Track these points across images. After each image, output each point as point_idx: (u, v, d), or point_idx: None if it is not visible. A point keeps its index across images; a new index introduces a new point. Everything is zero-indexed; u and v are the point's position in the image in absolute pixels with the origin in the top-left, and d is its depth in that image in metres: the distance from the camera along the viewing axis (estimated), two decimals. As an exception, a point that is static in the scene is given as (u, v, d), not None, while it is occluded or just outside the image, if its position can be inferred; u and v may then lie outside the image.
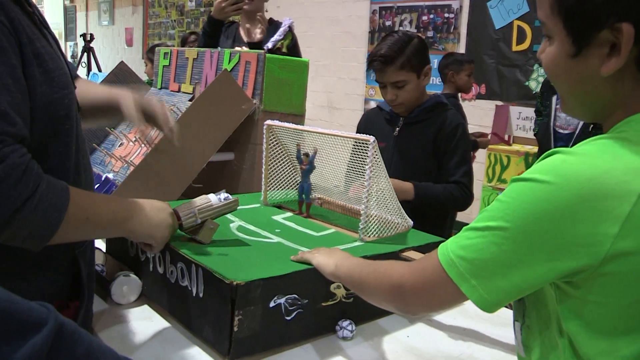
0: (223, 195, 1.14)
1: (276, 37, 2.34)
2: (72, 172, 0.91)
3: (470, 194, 1.76)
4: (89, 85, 1.20)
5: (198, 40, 3.99)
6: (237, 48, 2.27)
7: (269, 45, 2.28)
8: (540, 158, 0.68)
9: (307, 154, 1.33)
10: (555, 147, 1.64)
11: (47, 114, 0.84)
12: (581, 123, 3.04)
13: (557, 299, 0.69)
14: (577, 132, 3.10)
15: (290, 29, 2.39)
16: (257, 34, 2.34)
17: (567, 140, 3.13)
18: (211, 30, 2.40)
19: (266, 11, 2.61)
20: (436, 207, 1.76)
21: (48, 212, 0.79)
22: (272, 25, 2.50)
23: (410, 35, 1.82)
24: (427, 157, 1.78)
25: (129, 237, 1.06)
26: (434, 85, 3.92)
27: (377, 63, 1.78)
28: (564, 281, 0.67)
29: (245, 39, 2.38)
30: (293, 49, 2.44)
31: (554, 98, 3.23)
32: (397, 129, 1.85)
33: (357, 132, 1.91)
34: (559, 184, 0.63)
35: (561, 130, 3.21)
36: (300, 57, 2.47)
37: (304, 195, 1.39)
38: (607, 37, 0.65)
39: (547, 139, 3.25)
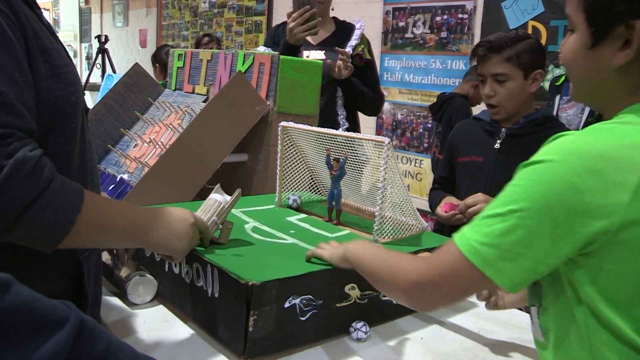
0: (220, 192, 1.15)
1: (353, 41, 2.30)
2: (74, 174, 0.88)
3: None
4: None
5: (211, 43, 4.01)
6: (305, 52, 2.24)
7: (348, 50, 2.25)
8: (546, 142, 0.73)
9: (337, 160, 1.28)
10: None
11: (52, 110, 0.82)
12: (582, 123, 3.02)
13: (572, 268, 0.72)
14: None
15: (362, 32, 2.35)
16: (343, 70, 2.17)
17: None
18: (289, 54, 2.12)
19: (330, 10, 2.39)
20: None
21: (60, 212, 0.76)
22: (339, 26, 2.42)
23: (527, 34, 1.67)
24: None
25: (147, 249, 1.02)
26: (446, 85, 3.91)
27: (482, 49, 1.62)
28: (579, 253, 0.70)
29: (332, 74, 2.20)
30: (370, 54, 2.42)
31: (557, 98, 3.21)
32: (499, 141, 1.67)
33: (448, 146, 1.84)
34: (572, 161, 0.68)
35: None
36: (374, 60, 2.44)
37: (334, 202, 1.34)
38: (622, 33, 0.73)
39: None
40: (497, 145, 1.67)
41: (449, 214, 1.61)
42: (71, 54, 7.46)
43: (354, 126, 2.45)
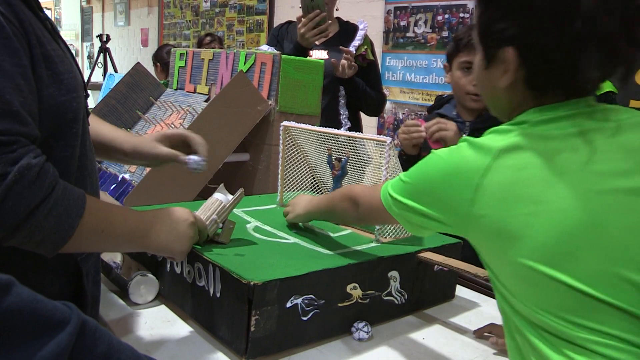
0: (224, 191, 1.15)
1: (357, 42, 2.30)
2: (73, 177, 0.89)
3: None
4: (105, 124, 1.19)
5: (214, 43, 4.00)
6: (311, 52, 2.24)
7: (351, 50, 2.25)
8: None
9: (339, 159, 1.29)
10: None
11: (54, 116, 0.83)
12: None
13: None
14: None
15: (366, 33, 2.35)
16: (347, 69, 2.18)
17: None
18: (299, 56, 2.02)
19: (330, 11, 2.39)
20: None
21: (62, 217, 0.77)
22: (343, 26, 2.42)
23: None
24: None
25: (148, 252, 1.03)
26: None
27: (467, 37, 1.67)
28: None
29: (336, 73, 2.20)
30: (373, 54, 2.42)
31: None
32: (464, 135, 1.71)
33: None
34: (445, 158, 0.80)
35: None
36: (376, 60, 2.44)
37: None
38: (503, 56, 0.78)
39: None
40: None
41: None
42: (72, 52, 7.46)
43: (356, 126, 2.44)
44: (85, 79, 6.37)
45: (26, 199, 0.73)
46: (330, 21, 2.14)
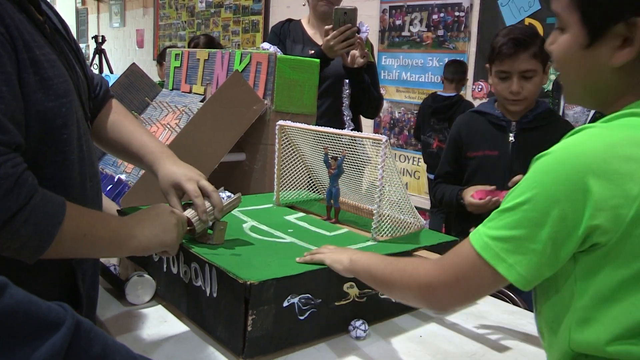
0: (224, 193, 1.14)
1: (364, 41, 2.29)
2: (77, 181, 0.89)
3: None
4: (138, 129, 1.18)
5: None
6: (310, 52, 2.22)
7: (362, 37, 2.23)
8: (565, 136, 0.71)
9: (335, 158, 1.28)
10: None
11: (41, 122, 0.82)
12: (588, 119, 3.03)
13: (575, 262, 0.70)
14: None
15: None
16: (359, 58, 2.13)
17: None
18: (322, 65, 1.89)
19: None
20: None
21: (41, 225, 0.77)
22: None
23: (534, 28, 1.73)
24: None
25: (141, 254, 1.01)
26: (434, 83, 3.91)
27: (509, 47, 1.61)
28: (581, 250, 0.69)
29: (345, 64, 2.16)
30: (373, 57, 2.40)
31: (562, 96, 3.23)
32: (512, 134, 1.71)
33: (453, 141, 1.85)
34: (577, 151, 0.67)
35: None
36: (375, 64, 2.43)
37: (332, 201, 1.34)
38: (621, 31, 0.69)
39: None
40: (511, 139, 1.71)
41: (485, 199, 1.60)
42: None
43: (358, 128, 2.44)
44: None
45: (2, 209, 0.73)
46: (359, 35, 2.12)
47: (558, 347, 0.74)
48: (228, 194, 1.15)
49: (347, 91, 2.29)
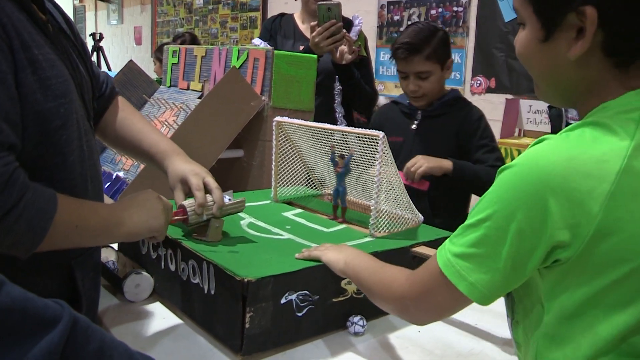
0: (229, 195, 1.15)
1: (352, 38, 2.27)
2: (78, 182, 0.90)
3: None
4: (147, 126, 1.19)
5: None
6: (302, 47, 2.21)
7: (352, 36, 2.21)
8: (530, 144, 0.69)
9: (342, 156, 1.27)
10: None
11: (39, 123, 0.82)
12: None
13: (542, 277, 0.69)
14: None
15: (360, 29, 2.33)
16: (347, 54, 2.12)
17: None
18: None
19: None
20: (474, 185, 1.72)
21: (34, 221, 0.77)
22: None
23: (435, 26, 1.82)
24: (449, 151, 1.75)
25: (131, 240, 1.02)
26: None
27: (402, 51, 1.75)
28: (545, 266, 0.68)
29: (334, 60, 2.15)
30: (366, 51, 2.39)
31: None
32: (416, 122, 1.84)
33: (371, 128, 1.89)
34: (537, 166, 0.64)
35: (573, 122, 3.21)
36: (369, 57, 2.42)
37: (339, 200, 1.32)
38: (574, 21, 0.66)
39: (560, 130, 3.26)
40: (414, 126, 1.85)
41: None
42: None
43: (351, 125, 2.43)
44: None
45: None
46: (345, 30, 2.11)
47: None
48: (230, 197, 1.15)
49: (339, 88, 2.28)
